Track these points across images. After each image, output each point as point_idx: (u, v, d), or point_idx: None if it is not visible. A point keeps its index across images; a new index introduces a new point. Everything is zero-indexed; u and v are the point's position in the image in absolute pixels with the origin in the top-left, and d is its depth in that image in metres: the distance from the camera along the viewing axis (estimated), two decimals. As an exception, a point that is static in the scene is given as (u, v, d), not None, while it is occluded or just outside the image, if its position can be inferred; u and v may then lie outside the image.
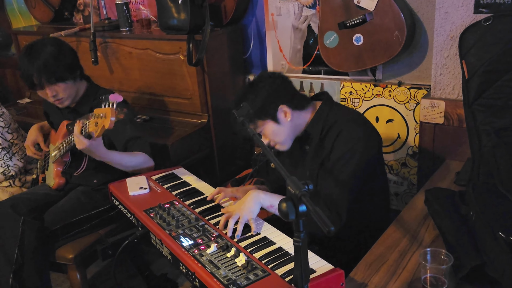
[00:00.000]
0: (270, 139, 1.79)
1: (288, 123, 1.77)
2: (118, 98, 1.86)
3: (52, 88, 2.19)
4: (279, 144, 1.81)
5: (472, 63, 1.84)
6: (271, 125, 1.76)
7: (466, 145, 1.92)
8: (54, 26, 3.60)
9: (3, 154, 2.68)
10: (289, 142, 1.82)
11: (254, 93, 1.76)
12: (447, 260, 1.34)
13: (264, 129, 1.77)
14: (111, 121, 1.82)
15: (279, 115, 1.75)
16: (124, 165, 2.15)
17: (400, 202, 2.70)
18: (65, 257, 2.19)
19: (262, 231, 1.60)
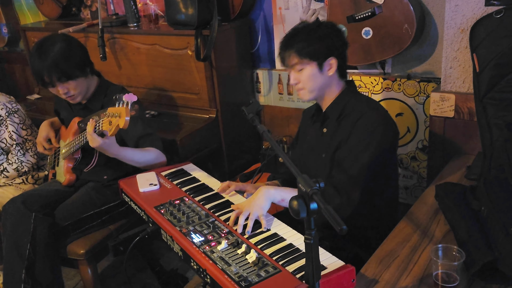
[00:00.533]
0: (302, 81, 1.79)
1: (327, 77, 1.79)
2: (133, 98, 1.87)
3: (63, 86, 2.20)
4: (305, 90, 1.81)
5: (483, 56, 1.82)
6: (313, 68, 1.76)
7: (477, 139, 1.91)
8: (62, 22, 3.61)
9: (17, 150, 2.69)
10: (313, 95, 1.82)
11: (318, 32, 1.76)
12: (459, 257, 1.34)
13: (304, 69, 1.76)
14: (126, 121, 1.83)
15: (325, 64, 1.76)
16: (137, 161, 2.17)
17: (410, 196, 2.69)
18: (76, 253, 2.21)
19: (272, 227, 1.60)
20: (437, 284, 1.33)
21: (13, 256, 2.10)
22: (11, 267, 2.11)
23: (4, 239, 2.15)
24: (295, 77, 1.80)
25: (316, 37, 1.76)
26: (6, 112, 2.69)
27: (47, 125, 2.55)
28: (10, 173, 2.67)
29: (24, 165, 2.70)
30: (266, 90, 3.07)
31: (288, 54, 1.78)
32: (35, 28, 3.64)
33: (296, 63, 1.76)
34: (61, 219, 2.21)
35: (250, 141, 3.15)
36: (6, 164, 2.68)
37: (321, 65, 1.76)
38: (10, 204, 2.18)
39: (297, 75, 1.79)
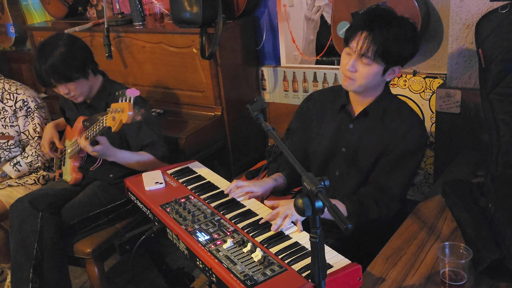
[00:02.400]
0: (360, 73, 1.66)
1: (382, 80, 1.71)
2: (135, 92, 1.87)
3: (63, 86, 2.23)
4: (355, 82, 1.68)
5: (489, 51, 1.80)
6: (377, 70, 1.65)
7: (484, 135, 1.90)
8: (68, 21, 3.63)
9: (37, 143, 2.71)
10: (359, 89, 1.72)
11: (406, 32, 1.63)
12: (466, 254, 1.33)
13: (370, 66, 1.63)
14: (129, 116, 1.83)
15: (389, 70, 1.68)
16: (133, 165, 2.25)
17: (416, 192, 2.68)
18: (83, 251, 2.22)
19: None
20: (444, 282, 1.32)
21: (20, 255, 2.11)
22: (18, 266, 2.12)
23: (12, 238, 2.16)
24: (356, 64, 1.65)
25: (400, 38, 1.61)
26: (36, 105, 2.72)
27: (51, 127, 2.56)
28: (22, 167, 2.67)
29: (39, 159, 2.71)
30: (272, 87, 3.07)
31: (364, 39, 1.61)
32: (42, 28, 3.65)
33: (367, 56, 1.62)
34: (68, 218, 2.22)
35: (256, 138, 3.15)
36: (20, 157, 2.69)
37: (386, 70, 1.67)
38: (17, 204, 2.19)
39: (359, 65, 1.65)
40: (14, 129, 2.69)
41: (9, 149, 2.70)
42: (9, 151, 2.71)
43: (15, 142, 2.71)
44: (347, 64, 1.67)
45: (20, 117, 2.68)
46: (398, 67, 1.70)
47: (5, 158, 2.72)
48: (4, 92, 2.69)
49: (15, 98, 2.68)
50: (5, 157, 2.72)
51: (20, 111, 2.68)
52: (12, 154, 2.72)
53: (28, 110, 2.69)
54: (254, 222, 1.62)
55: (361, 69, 1.65)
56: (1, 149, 2.70)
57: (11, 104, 2.67)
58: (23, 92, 2.71)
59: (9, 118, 2.67)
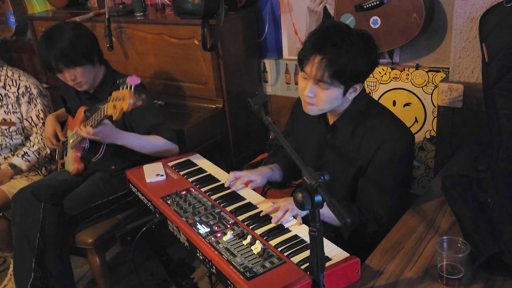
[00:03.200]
0: (319, 99, 1.59)
1: (345, 100, 1.64)
2: (136, 80, 1.87)
3: (70, 72, 2.22)
4: (316, 108, 1.63)
5: (492, 46, 1.80)
6: (337, 92, 1.58)
7: (485, 129, 1.89)
8: (69, 11, 3.61)
9: (42, 129, 2.71)
10: (321, 112, 1.68)
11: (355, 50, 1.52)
12: (464, 249, 1.33)
13: (328, 90, 1.56)
14: (130, 103, 1.83)
15: (350, 90, 1.60)
16: (142, 148, 2.20)
17: (417, 186, 2.69)
18: (85, 242, 2.24)
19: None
20: (441, 276, 1.33)
21: (23, 245, 2.13)
22: (21, 256, 2.14)
23: (14, 229, 2.18)
24: (314, 91, 1.58)
25: (355, 59, 1.52)
26: (38, 92, 2.72)
27: (53, 119, 2.57)
28: (31, 157, 2.68)
29: (46, 146, 2.72)
30: (273, 79, 3.06)
31: (317, 64, 1.53)
32: (42, 18, 3.64)
33: (323, 81, 1.54)
34: (70, 209, 2.23)
35: (257, 131, 3.15)
36: (26, 148, 2.69)
37: (347, 90, 1.60)
38: (20, 194, 2.21)
39: (317, 90, 1.58)
40: (17, 116, 2.69)
41: (10, 135, 2.71)
42: (11, 138, 2.72)
43: (17, 129, 2.71)
44: (304, 89, 1.60)
45: (23, 103, 2.69)
46: (358, 85, 1.62)
47: (6, 145, 2.73)
48: (7, 79, 2.69)
49: (18, 84, 2.68)
50: (6, 144, 2.73)
51: (23, 98, 2.68)
52: (13, 141, 2.73)
53: (31, 96, 2.69)
54: (254, 215, 1.63)
55: (320, 94, 1.58)
56: (3, 135, 2.71)
57: (14, 90, 2.68)
58: (26, 79, 2.71)
59: (12, 105, 2.68)
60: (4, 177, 2.62)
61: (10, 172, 2.64)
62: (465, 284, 1.32)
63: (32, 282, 2.09)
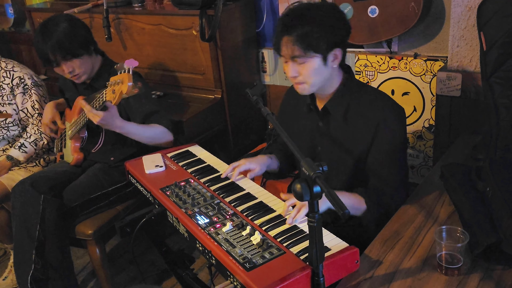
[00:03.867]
0: (304, 75, 1.61)
1: (330, 69, 1.64)
2: (134, 63, 1.86)
3: (68, 64, 2.22)
4: (307, 84, 1.64)
5: (490, 34, 1.79)
6: (317, 61, 1.59)
7: (484, 118, 1.89)
8: (68, 3, 3.59)
9: (38, 120, 2.71)
10: (314, 88, 1.67)
11: (323, 18, 1.58)
12: (463, 238, 1.34)
13: (307, 63, 1.59)
14: (129, 86, 1.82)
15: (329, 56, 1.61)
16: (141, 135, 2.18)
17: (416, 175, 2.69)
18: (85, 233, 2.24)
19: (277, 209, 1.61)
20: (440, 265, 1.34)
21: (23, 237, 2.14)
22: (21, 248, 2.14)
23: (14, 220, 2.18)
24: (296, 69, 1.62)
25: (321, 25, 1.56)
26: (32, 82, 2.71)
27: (52, 106, 2.56)
28: (28, 148, 2.67)
29: (43, 137, 2.71)
30: (272, 69, 3.05)
31: (288, 43, 1.58)
32: (41, 9, 3.62)
33: (298, 56, 1.58)
34: (70, 200, 2.24)
35: (256, 121, 3.15)
36: (23, 139, 2.68)
37: (326, 58, 1.60)
38: (19, 186, 2.21)
39: (298, 67, 1.61)
40: (12, 107, 2.69)
41: (7, 127, 2.71)
42: (7, 129, 2.72)
43: (13, 120, 2.71)
44: (288, 71, 1.64)
45: (17, 94, 2.68)
46: (337, 49, 1.62)
47: (3, 136, 2.73)
48: (1, 70, 2.68)
49: (12, 75, 2.68)
50: (3, 135, 2.73)
51: (17, 89, 2.67)
52: (10, 132, 2.73)
53: (25, 87, 2.69)
54: (253, 205, 1.64)
55: (301, 69, 1.61)
56: (0, 127, 2.71)
57: (8, 82, 2.67)
58: (20, 69, 2.71)
59: (6, 96, 2.67)
60: (2, 169, 2.62)
61: (8, 164, 2.64)
62: (464, 273, 1.33)
63: (33, 273, 2.10)
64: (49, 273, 2.16)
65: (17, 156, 2.65)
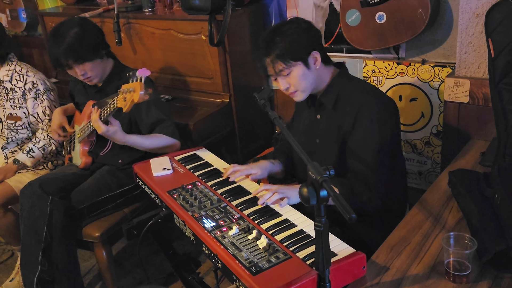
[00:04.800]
0: (293, 84, 1.77)
1: (315, 72, 1.77)
2: (146, 72, 1.89)
3: (80, 67, 2.24)
4: (299, 91, 1.79)
5: (498, 41, 1.78)
6: (300, 68, 1.74)
7: (492, 124, 1.88)
8: (79, 7, 3.63)
9: (48, 126, 2.72)
10: (307, 93, 1.81)
11: (290, 31, 1.74)
12: (471, 245, 1.33)
13: (292, 71, 1.74)
14: (140, 95, 1.85)
15: (310, 60, 1.75)
16: (146, 147, 2.22)
17: (424, 181, 2.68)
18: (92, 235, 2.25)
19: (283, 213, 1.61)
20: (448, 272, 1.33)
21: (30, 238, 2.15)
22: (28, 249, 2.16)
23: (22, 222, 2.20)
24: (285, 82, 1.77)
25: (291, 37, 1.73)
26: (44, 88, 2.73)
27: (60, 112, 2.58)
28: (36, 153, 2.68)
29: (52, 143, 2.73)
30: (280, 74, 3.05)
31: (270, 62, 1.74)
32: (53, 13, 3.66)
33: (282, 69, 1.74)
34: (77, 202, 2.25)
35: (263, 125, 3.15)
36: (32, 144, 2.70)
37: (306, 62, 1.75)
38: (28, 187, 2.22)
39: (286, 79, 1.77)
40: (22, 111, 2.71)
41: (16, 130, 2.73)
42: (16, 132, 2.74)
43: (23, 123, 2.73)
44: (280, 85, 1.80)
45: (29, 99, 2.70)
46: (314, 52, 1.75)
47: (12, 138, 2.75)
48: (14, 73, 2.71)
49: (25, 79, 2.70)
50: (12, 138, 2.75)
51: (29, 93, 2.69)
52: (19, 135, 2.75)
53: (37, 92, 2.70)
54: (260, 209, 1.64)
55: (289, 80, 1.76)
56: (9, 129, 2.73)
57: (20, 85, 2.69)
58: (33, 74, 2.72)
59: (18, 100, 2.69)
60: (9, 171, 2.64)
61: (14, 167, 2.66)
62: (473, 280, 1.31)
63: (39, 275, 2.11)
64: (56, 274, 2.17)
65: (24, 161, 2.67)
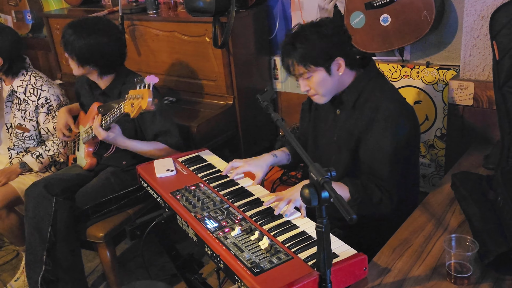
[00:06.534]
0: (314, 88, 1.74)
1: (338, 77, 1.74)
2: (154, 79, 1.90)
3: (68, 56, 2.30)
4: (319, 95, 1.77)
5: (503, 43, 1.78)
6: (321, 74, 1.71)
7: (496, 127, 1.88)
8: (84, 9, 3.65)
9: (60, 141, 2.73)
10: (328, 97, 1.78)
11: (317, 34, 1.68)
12: (473, 247, 1.33)
13: (313, 76, 1.71)
14: (149, 102, 1.86)
15: (332, 67, 1.71)
16: (143, 153, 2.28)
17: (428, 184, 2.67)
18: (96, 236, 2.26)
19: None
20: (450, 274, 1.33)
21: (34, 238, 2.16)
22: (32, 249, 2.17)
23: (26, 222, 2.21)
24: (305, 84, 1.75)
25: (316, 40, 1.67)
26: (58, 104, 2.72)
27: (65, 112, 2.59)
28: (44, 159, 2.70)
29: (60, 156, 2.74)
30: (284, 76, 3.06)
31: (291, 63, 1.72)
32: (58, 15, 3.68)
33: (302, 73, 1.71)
34: (81, 203, 2.26)
35: (267, 128, 3.16)
36: (42, 150, 2.71)
37: (329, 69, 1.70)
38: (32, 188, 2.24)
39: (307, 82, 1.74)
40: (32, 124, 2.71)
41: (23, 140, 2.74)
42: (23, 142, 2.75)
43: (30, 135, 2.74)
44: (301, 87, 1.78)
45: (41, 113, 2.70)
46: (339, 59, 1.70)
47: (18, 147, 2.77)
48: (29, 85, 2.70)
49: (39, 94, 2.68)
50: (18, 146, 2.77)
51: (42, 108, 2.69)
52: (25, 145, 2.76)
53: (50, 108, 2.70)
54: (262, 210, 1.65)
55: (310, 83, 1.74)
56: (16, 138, 2.74)
57: (34, 99, 2.68)
58: (47, 89, 2.70)
59: (29, 112, 2.69)
60: (12, 174, 2.66)
61: (19, 170, 2.67)
62: (474, 282, 1.32)
63: (43, 274, 2.13)
64: (59, 274, 2.18)
65: (31, 164, 2.67)
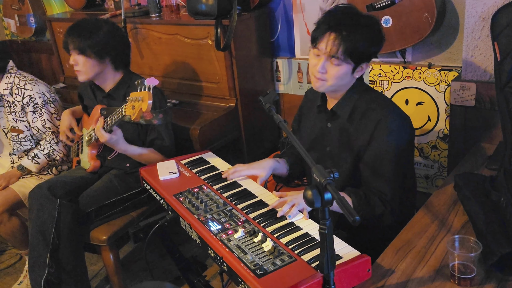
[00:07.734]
0: (330, 76, 1.65)
1: (351, 79, 1.72)
2: (154, 82, 1.91)
3: (74, 56, 2.29)
4: (327, 84, 1.68)
5: (504, 44, 1.78)
6: (347, 69, 1.65)
7: (498, 128, 1.88)
8: (87, 12, 3.67)
9: (51, 138, 2.74)
10: (331, 89, 1.72)
11: (371, 30, 1.63)
12: (476, 248, 1.33)
13: (339, 66, 1.63)
14: (149, 104, 1.87)
15: (358, 68, 1.68)
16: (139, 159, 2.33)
17: (430, 185, 2.67)
18: (99, 239, 2.27)
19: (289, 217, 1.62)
20: (453, 275, 1.33)
21: (38, 241, 2.17)
22: (36, 252, 2.18)
23: (30, 224, 2.22)
24: (326, 65, 1.64)
25: (368, 36, 1.62)
26: (43, 101, 2.71)
27: (68, 114, 2.60)
28: (41, 159, 2.70)
29: (56, 153, 2.74)
30: (286, 78, 3.07)
31: (331, 40, 1.60)
32: (61, 19, 3.69)
33: (336, 57, 1.61)
34: (85, 206, 2.27)
35: (270, 130, 3.16)
36: (37, 150, 2.71)
37: (356, 68, 1.67)
38: (36, 190, 2.25)
39: (328, 67, 1.65)
40: (24, 124, 2.72)
41: (20, 142, 2.75)
42: (20, 144, 2.75)
43: (25, 136, 2.74)
44: (316, 65, 1.66)
45: (28, 112, 2.70)
46: (365, 64, 1.70)
47: (17, 149, 2.78)
48: (14, 87, 2.70)
49: (23, 94, 2.68)
50: (17, 149, 2.77)
51: (27, 107, 2.69)
52: (23, 147, 2.76)
53: (35, 106, 2.69)
54: (265, 212, 1.65)
55: (331, 70, 1.65)
56: (13, 141, 2.75)
57: (19, 99, 2.69)
58: (31, 88, 2.69)
59: (18, 113, 2.70)
60: (12, 177, 2.66)
61: (18, 173, 2.68)
62: (478, 283, 1.32)
63: (46, 277, 2.13)
64: (63, 277, 2.18)
65: (28, 166, 2.68)
